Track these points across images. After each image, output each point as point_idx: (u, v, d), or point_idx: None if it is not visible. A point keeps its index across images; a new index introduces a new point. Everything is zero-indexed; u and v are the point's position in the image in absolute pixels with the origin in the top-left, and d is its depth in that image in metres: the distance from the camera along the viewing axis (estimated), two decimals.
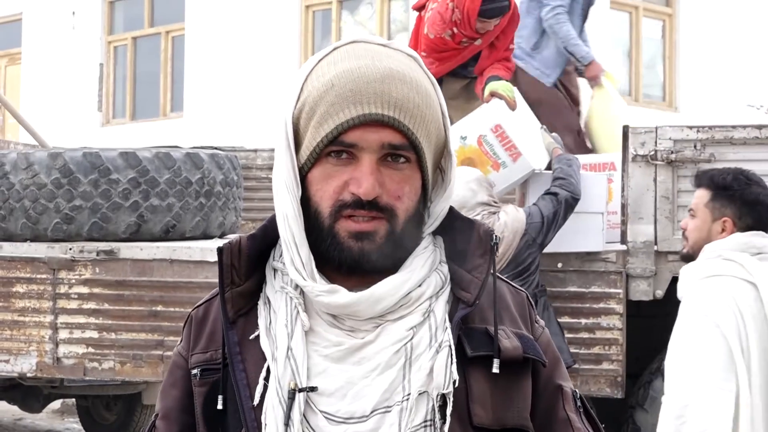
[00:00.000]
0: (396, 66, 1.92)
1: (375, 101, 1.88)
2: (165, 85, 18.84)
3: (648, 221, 6.67)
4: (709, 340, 4.24)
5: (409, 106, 1.89)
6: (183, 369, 2.07)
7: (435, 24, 7.02)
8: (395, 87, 1.89)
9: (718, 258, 4.47)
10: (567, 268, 6.70)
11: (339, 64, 1.93)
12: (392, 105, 1.88)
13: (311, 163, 1.93)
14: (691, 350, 4.29)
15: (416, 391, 1.88)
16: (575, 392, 2.09)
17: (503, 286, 2.08)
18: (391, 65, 1.92)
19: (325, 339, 1.93)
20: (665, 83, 17.02)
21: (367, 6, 16.49)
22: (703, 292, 4.37)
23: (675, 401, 4.30)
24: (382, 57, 1.93)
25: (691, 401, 4.22)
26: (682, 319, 4.41)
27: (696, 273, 4.49)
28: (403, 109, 1.89)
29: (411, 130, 1.90)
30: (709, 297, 4.34)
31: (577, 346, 6.65)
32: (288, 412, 1.87)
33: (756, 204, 4.54)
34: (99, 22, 19.52)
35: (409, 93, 1.90)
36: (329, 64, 1.94)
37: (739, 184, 4.58)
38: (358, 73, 1.90)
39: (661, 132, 6.68)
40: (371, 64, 1.91)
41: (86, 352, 7.29)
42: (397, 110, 1.88)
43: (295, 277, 1.94)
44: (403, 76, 1.91)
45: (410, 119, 1.89)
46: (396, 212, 1.91)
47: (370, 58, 1.92)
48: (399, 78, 1.90)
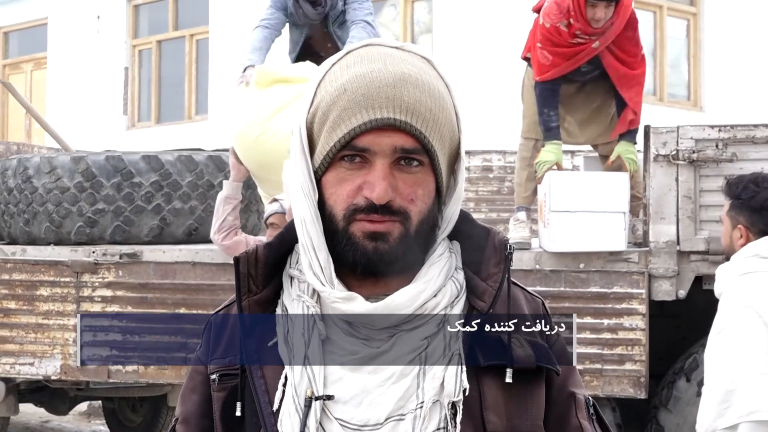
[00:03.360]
0: (408, 69, 1.91)
1: (387, 106, 1.87)
2: (190, 88, 18.89)
3: (670, 221, 6.64)
4: (752, 329, 4.35)
5: (421, 109, 1.89)
6: (202, 374, 2.08)
7: (551, 13, 6.98)
8: (407, 91, 1.88)
9: (755, 257, 4.58)
10: (589, 269, 6.68)
11: (352, 68, 1.93)
12: (404, 109, 1.88)
13: (325, 167, 1.93)
14: (734, 339, 4.39)
15: (430, 399, 1.88)
16: (588, 399, 2.08)
17: (519, 292, 2.07)
18: (404, 69, 1.91)
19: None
20: (690, 83, 16.95)
21: (391, 8, 16.47)
22: (744, 286, 4.49)
23: (719, 387, 4.37)
24: (394, 60, 1.93)
25: (736, 386, 4.31)
26: (723, 311, 4.52)
27: (734, 271, 4.62)
28: (415, 113, 1.88)
29: (423, 134, 1.89)
30: (749, 290, 4.45)
31: (600, 346, 6.64)
32: (304, 420, 1.87)
33: (762, 210, 4.64)
34: (124, 26, 19.59)
35: (421, 97, 1.89)
36: (342, 68, 1.94)
37: (747, 192, 4.71)
38: (370, 78, 1.89)
39: (682, 131, 6.65)
40: (383, 68, 1.90)
41: (110, 354, 7.32)
42: (409, 114, 1.88)
43: (313, 281, 1.94)
44: (415, 80, 1.90)
45: (422, 123, 1.89)
46: (409, 215, 1.90)
47: (382, 62, 1.92)
48: (411, 82, 1.90)
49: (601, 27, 6.84)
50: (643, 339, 6.62)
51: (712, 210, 6.57)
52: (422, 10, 16.28)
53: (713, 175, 6.60)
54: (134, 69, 19.61)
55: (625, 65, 7.04)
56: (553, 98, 7.15)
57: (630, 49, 7.08)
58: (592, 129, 7.40)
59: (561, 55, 7.01)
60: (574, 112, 7.39)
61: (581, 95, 7.37)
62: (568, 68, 7.08)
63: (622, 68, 7.02)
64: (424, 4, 16.18)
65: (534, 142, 7.32)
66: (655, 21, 16.53)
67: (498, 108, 13.28)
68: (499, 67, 13.77)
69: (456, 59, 14.35)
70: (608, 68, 7.04)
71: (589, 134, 7.44)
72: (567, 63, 7.03)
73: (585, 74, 7.19)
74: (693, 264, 6.64)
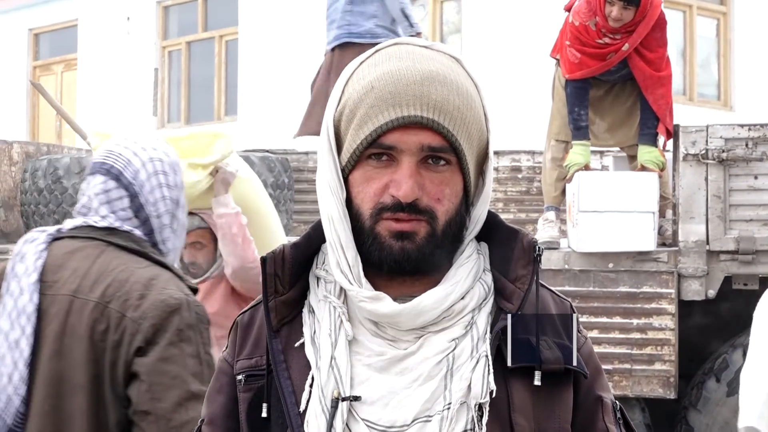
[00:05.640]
0: (436, 68, 1.90)
1: (414, 103, 1.87)
2: (219, 89, 18.93)
3: (700, 220, 6.62)
4: None
5: (448, 108, 1.88)
6: (228, 375, 2.08)
7: (581, 11, 6.95)
8: (435, 89, 1.88)
9: None
10: (618, 268, 6.66)
11: (379, 66, 1.92)
12: (431, 107, 1.87)
13: (352, 165, 1.93)
14: None
15: (457, 401, 1.87)
16: (615, 403, 2.07)
17: (547, 295, 2.06)
18: (431, 67, 1.90)
19: (368, 349, 1.93)
20: (720, 82, 16.86)
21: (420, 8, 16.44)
22: None
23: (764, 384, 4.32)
24: (422, 59, 1.92)
25: None
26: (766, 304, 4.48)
27: None
28: (443, 111, 1.87)
29: (451, 132, 1.88)
30: None
31: (629, 346, 6.62)
32: (331, 421, 1.87)
33: None
34: (153, 27, 19.65)
35: (449, 95, 1.88)
36: (370, 67, 1.94)
37: None
38: (398, 76, 1.89)
39: (712, 131, 6.63)
40: (411, 66, 1.90)
41: None
42: (436, 112, 1.87)
43: (341, 280, 1.94)
44: (443, 78, 1.89)
45: (450, 121, 1.88)
46: (436, 214, 1.90)
47: (410, 60, 1.91)
48: (439, 80, 1.89)
49: (622, 27, 6.80)
50: (672, 339, 6.59)
51: (741, 209, 6.55)
52: (451, 10, 16.26)
53: (743, 174, 6.58)
54: (164, 70, 19.67)
55: (651, 66, 7.00)
56: (584, 97, 7.13)
57: (657, 50, 7.04)
58: (622, 132, 7.36)
59: (589, 54, 6.98)
60: (603, 115, 7.36)
61: (609, 98, 7.34)
62: (600, 69, 7.05)
63: (648, 69, 6.98)
64: (453, 4, 16.16)
65: (565, 145, 7.30)
66: (685, 20, 16.46)
67: (527, 108, 13.24)
68: (529, 67, 13.74)
69: (485, 59, 14.33)
70: (634, 69, 7.01)
71: (618, 138, 7.41)
72: (599, 64, 7.00)
73: (613, 73, 7.16)
74: (722, 264, 6.61)
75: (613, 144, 7.58)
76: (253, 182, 5.80)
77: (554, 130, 7.46)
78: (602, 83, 7.28)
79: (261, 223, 5.57)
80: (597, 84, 7.24)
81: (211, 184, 5.24)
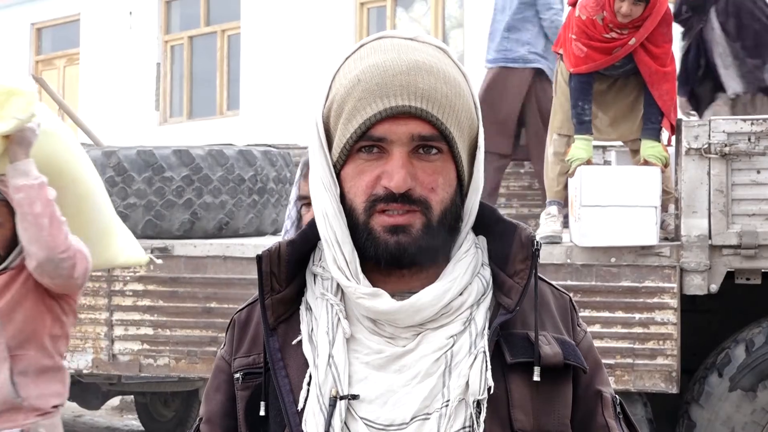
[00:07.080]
0: (422, 58, 1.90)
1: (401, 93, 1.86)
2: (221, 84, 18.93)
3: (702, 215, 6.60)
4: None
5: (436, 96, 1.87)
6: (226, 373, 2.08)
7: (588, 5, 6.92)
8: (421, 78, 1.87)
9: None
10: (620, 263, 6.65)
11: (365, 59, 1.92)
12: (419, 96, 1.86)
13: (343, 160, 1.92)
14: None
15: (455, 398, 1.86)
16: (615, 398, 2.06)
17: (546, 289, 2.05)
18: (417, 57, 1.89)
19: (366, 346, 1.92)
20: None
21: (422, 2, 16.45)
22: None
23: None
24: (408, 50, 1.91)
25: None
26: None
27: None
28: (431, 99, 1.86)
29: (440, 120, 1.87)
30: None
31: (632, 341, 6.61)
32: (329, 419, 1.86)
33: None
34: (156, 22, 19.65)
35: (436, 83, 1.87)
36: (356, 61, 1.93)
37: None
38: (384, 67, 1.88)
39: (714, 125, 6.61)
40: (397, 57, 1.89)
41: (141, 348, 7.35)
42: (424, 101, 1.86)
43: (338, 276, 1.93)
44: (429, 68, 1.89)
45: (439, 109, 1.87)
46: (430, 204, 1.88)
47: (395, 52, 1.90)
48: (426, 69, 1.88)
49: (629, 22, 6.79)
50: (674, 333, 6.58)
51: (744, 204, 6.53)
52: (453, 5, 16.25)
53: (745, 168, 6.56)
54: (166, 65, 19.67)
55: (657, 61, 6.98)
56: (588, 91, 7.12)
57: (662, 45, 7.03)
58: (624, 126, 7.35)
59: (595, 48, 6.97)
60: (606, 109, 7.35)
61: (612, 92, 7.33)
62: (605, 63, 7.04)
63: (654, 65, 6.97)
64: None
65: (567, 139, 7.29)
66: None
67: None
68: None
69: None
70: (640, 64, 6.99)
71: (620, 132, 7.40)
72: (605, 58, 6.99)
73: (618, 68, 7.15)
74: (725, 258, 6.60)
75: (616, 138, 7.56)
76: (65, 138, 4.59)
77: (556, 125, 7.45)
78: (605, 77, 7.26)
79: (77, 195, 4.50)
80: (600, 78, 7.22)
81: (5, 146, 4.16)
